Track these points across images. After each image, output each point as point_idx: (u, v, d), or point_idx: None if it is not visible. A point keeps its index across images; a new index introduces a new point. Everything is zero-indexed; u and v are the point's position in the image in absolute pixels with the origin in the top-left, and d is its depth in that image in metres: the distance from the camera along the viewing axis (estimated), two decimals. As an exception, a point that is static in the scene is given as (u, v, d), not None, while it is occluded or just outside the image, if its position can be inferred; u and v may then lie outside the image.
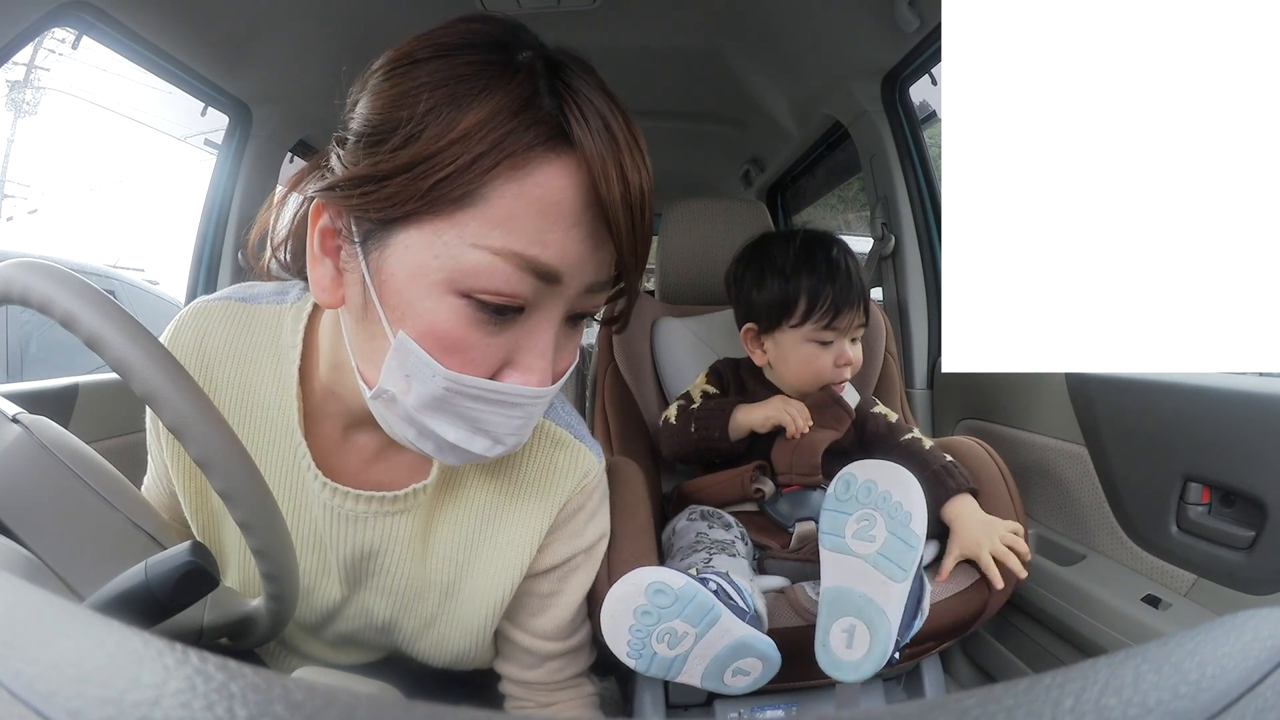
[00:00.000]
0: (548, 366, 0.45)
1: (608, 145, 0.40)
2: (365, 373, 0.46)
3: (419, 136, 0.39)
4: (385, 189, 0.40)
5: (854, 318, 0.92)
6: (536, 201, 0.40)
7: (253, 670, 0.14)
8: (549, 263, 0.41)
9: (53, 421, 0.47)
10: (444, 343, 0.42)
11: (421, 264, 0.41)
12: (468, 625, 0.60)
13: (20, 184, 9.49)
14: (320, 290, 0.46)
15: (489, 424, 0.45)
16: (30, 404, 0.47)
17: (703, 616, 0.62)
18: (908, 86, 1.39)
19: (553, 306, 0.44)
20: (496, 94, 0.39)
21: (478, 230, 0.40)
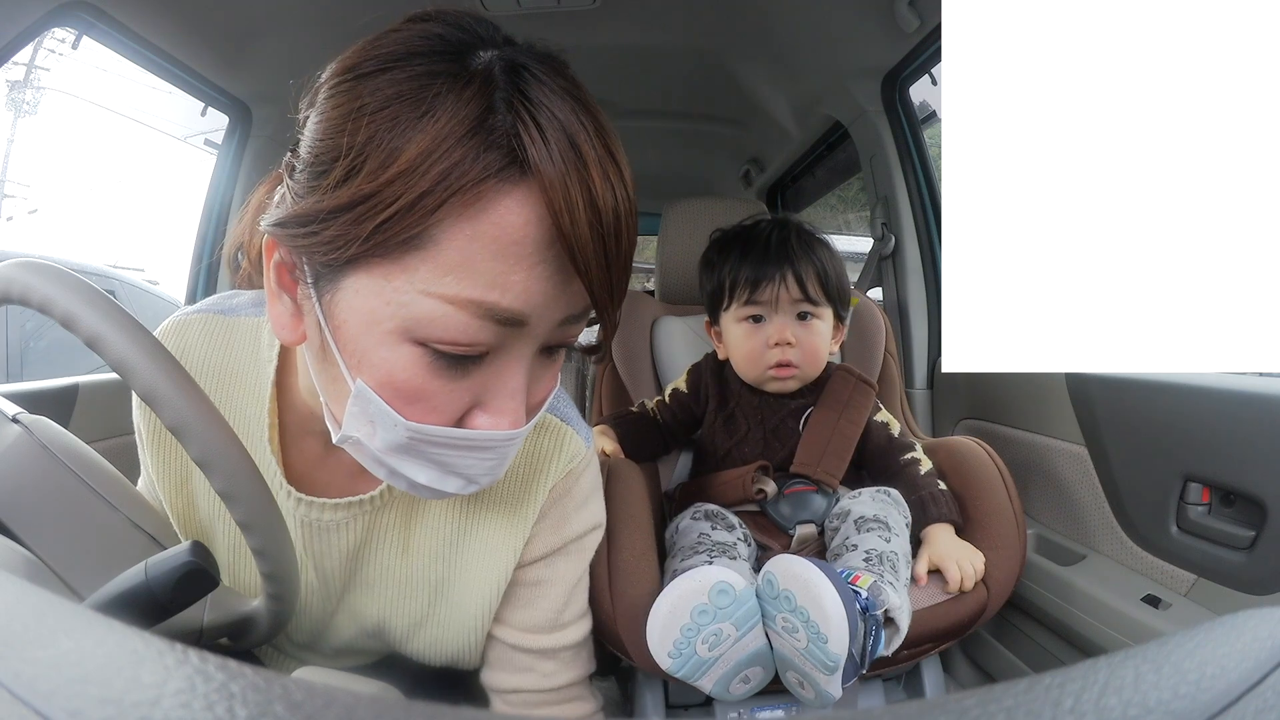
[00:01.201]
0: (520, 407, 0.41)
1: (572, 168, 0.35)
2: (333, 410, 0.43)
3: (359, 170, 0.35)
4: (328, 230, 0.36)
5: (780, 290, 0.86)
6: (493, 242, 0.35)
7: (253, 670, 0.14)
8: (511, 307, 0.37)
9: (53, 421, 0.47)
10: (403, 393, 0.38)
11: (373, 310, 0.37)
12: (460, 623, 0.58)
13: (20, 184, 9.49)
14: (280, 328, 0.43)
15: (460, 467, 0.42)
16: (30, 404, 0.47)
17: (747, 621, 0.64)
18: (908, 86, 1.39)
19: (521, 347, 0.40)
20: (443, 115, 0.34)
21: (429, 276, 0.36)
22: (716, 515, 0.84)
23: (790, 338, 0.87)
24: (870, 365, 1.18)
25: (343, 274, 0.38)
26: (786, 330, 0.87)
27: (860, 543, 0.74)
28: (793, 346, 0.88)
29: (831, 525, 0.81)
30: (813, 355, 0.89)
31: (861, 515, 0.78)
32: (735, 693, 0.67)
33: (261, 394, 0.51)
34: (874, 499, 0.82)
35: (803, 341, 0.88)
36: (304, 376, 0.49)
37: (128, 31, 1.13)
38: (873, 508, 0.79)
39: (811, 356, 0.89)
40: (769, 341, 0.88)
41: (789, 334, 0.87)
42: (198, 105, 1.41)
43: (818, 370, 0.92)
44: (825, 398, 0.92)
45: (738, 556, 0.77)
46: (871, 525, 0.77)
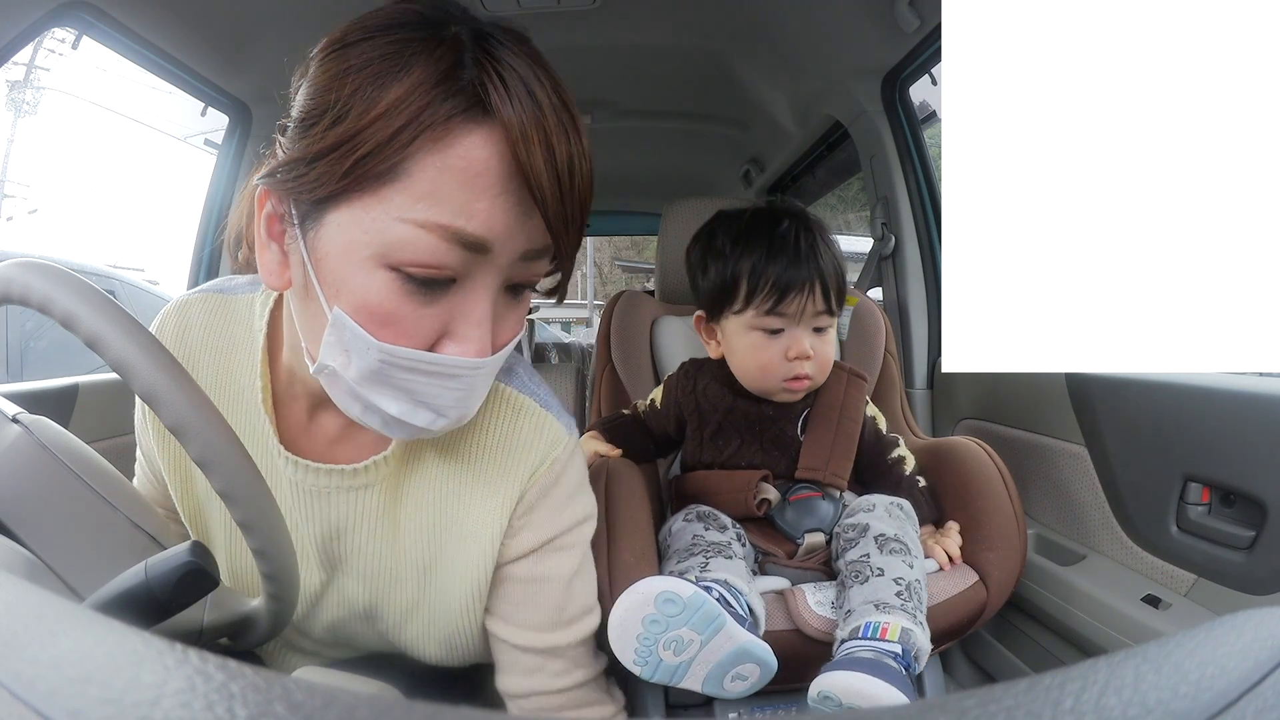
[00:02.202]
0: (485, 336, 0.44)
1: (530, 112, 0.40)
2: (311, 350, 0.46)
3: (345, 117, 0.40)
4: (314, 170, 0.41)
5: (807, 302, 0.80)
6: (460, 173, 0.40)
7: (253, 670, 0.14)
8: (475, 233, 0.41)
9: (53, 421, 0.47)
10: (376, 316, 0.42)
11: (352, 240, 0.41)
12: (450, 608, 0.58)
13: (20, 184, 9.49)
14: (268, 274, 0.47)
15: (428, 396, 0.45)
16: (30, 404, 0.47)
17: (708, 624, 0.63)
18: (908, 86, 1.39)
19: (486, 276, 0.44)
20: (417, 68, 0.39)
21: (403, 204, 0.40)
22: (709, 516, 0.84)
23: (810, 351, 0.83)
24: (870, 365, 1.18)
25: (326, 210, 0.42)
26: (806, 343, 0.82)
27: (886, 568, 0.72)
28: (811, 359, 0.83)
29: (846, 536, 0.78)
30: (826, 366, 0.86)
31: (882, 533, 0.76)
32: (732, 690, 0.67)
33: (254, 360, 0.55)
34: (890, 514, 0.80)
35: (819, 353, 0.84)
36: (290, 337, 0.52)
37: (128, 31, 1.13)
38: (891, 525, 0.78)
39: (825, 367, 0.86)
40: (788, 354, 0.83)
41: (808, 347, 0.82)
42: (198, 105, 1.41)
43: (825, 377, 0.88)
44: (822, 397, 0.90)
45: (733, 556, 0.77)
46: (894, 547, 0.75)
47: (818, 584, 0.80)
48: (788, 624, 0.77)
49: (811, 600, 0.77)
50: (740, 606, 0.69)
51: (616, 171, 2.54)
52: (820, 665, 0.77)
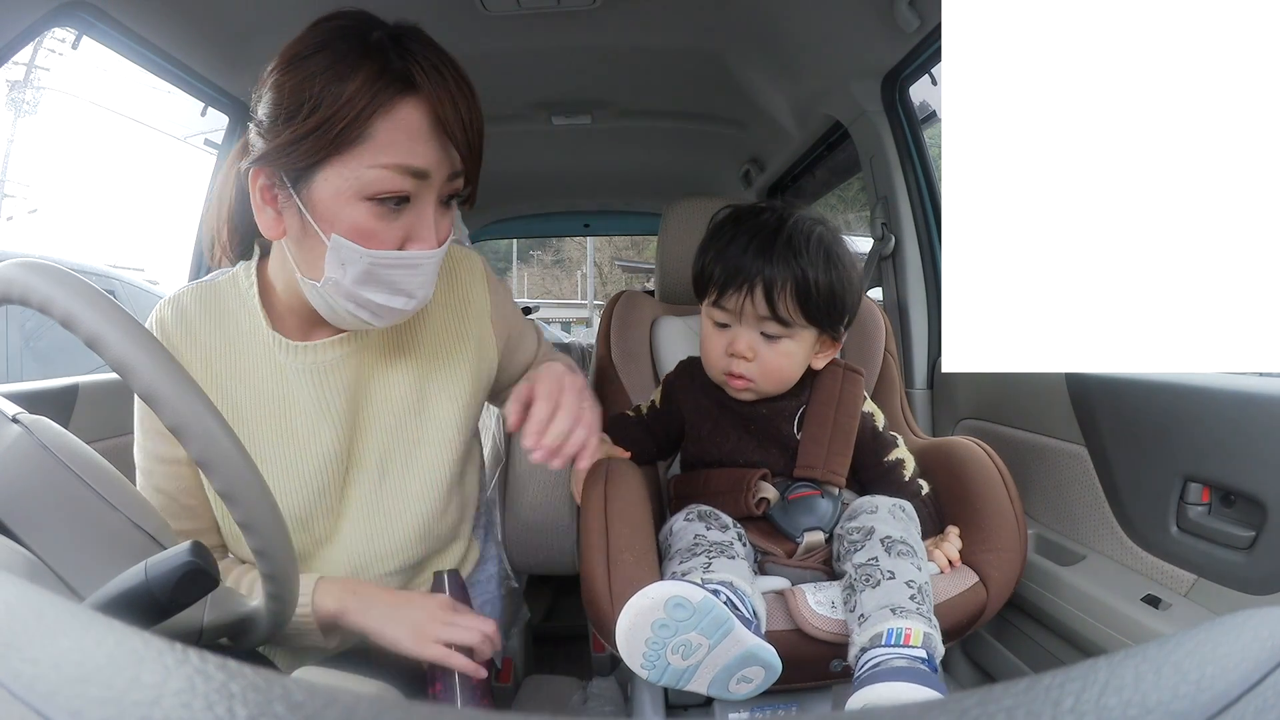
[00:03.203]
0: (434, 236, 0.64)
1: (440, 84, 0.60)
2: (311, 275, 0.64)
3: (319, 107, 0.58)
4: (304, 145, 0.58)
5: (745, 301, 0.78)
6: (404, 129, 0.59)
7: (253, 670, 0.14)
8: (419, 165, 0.60)
9: (53, 421, 0.47)
10: (362, 233, 0.61)
11: (337, 188, 0.60)
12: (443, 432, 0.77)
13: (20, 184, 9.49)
14: (266, 229, 0.65)
15: (403, 284, 0.64)
16: (30, 404, 0.47)
17: (717, 628, 0.63)
18: (908, 86, 1.39)
19: (428, 194, 0.63)
20: (363, 68, 0.58)
21: (371, 156, 0.59)
22: (710, 515, 0.83)
23: (747, 351, 0.81)
24: (870, 365, 1.17)
25: (314, 173, 0.60)
26: (743, 343, 0.81)
27: (897, 571, 0.72)
28: (749, 361, 0.81)
29: (851, 539, 0.78)
30: (773, 375, 0.83)
31: (889, 536, 0.75)
32: (736, 692, 0.67)
33: (250, 307, 0.71)
34: (894, 515, 0.80)
35: (763, 359, 0.81)
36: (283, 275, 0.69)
37: (128, 31, 1.13)
38: (896, 527, 0.78)
39: (771, 376, 0.83)
40: (726, 349, 0.83)
41: (745, 347, 0.81)
42: (198, 105, 1.41)
43: (781, 388, 0.87)
44: (817, 394, 0.89)
45: (735, 556, 0.77)
46: (902, 549, 0.74)
47: (817, 584, 0.80)
48: (788, 624, 0.77)
49: (812, 600, 0.77)
50: (746, 609, 0.69)
51: (616, 171, 2.54)
52: (820, 665, 0.77)
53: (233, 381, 0.70)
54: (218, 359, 0.70)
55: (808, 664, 0.77)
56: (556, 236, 11.70)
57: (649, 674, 0.64)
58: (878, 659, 0.66)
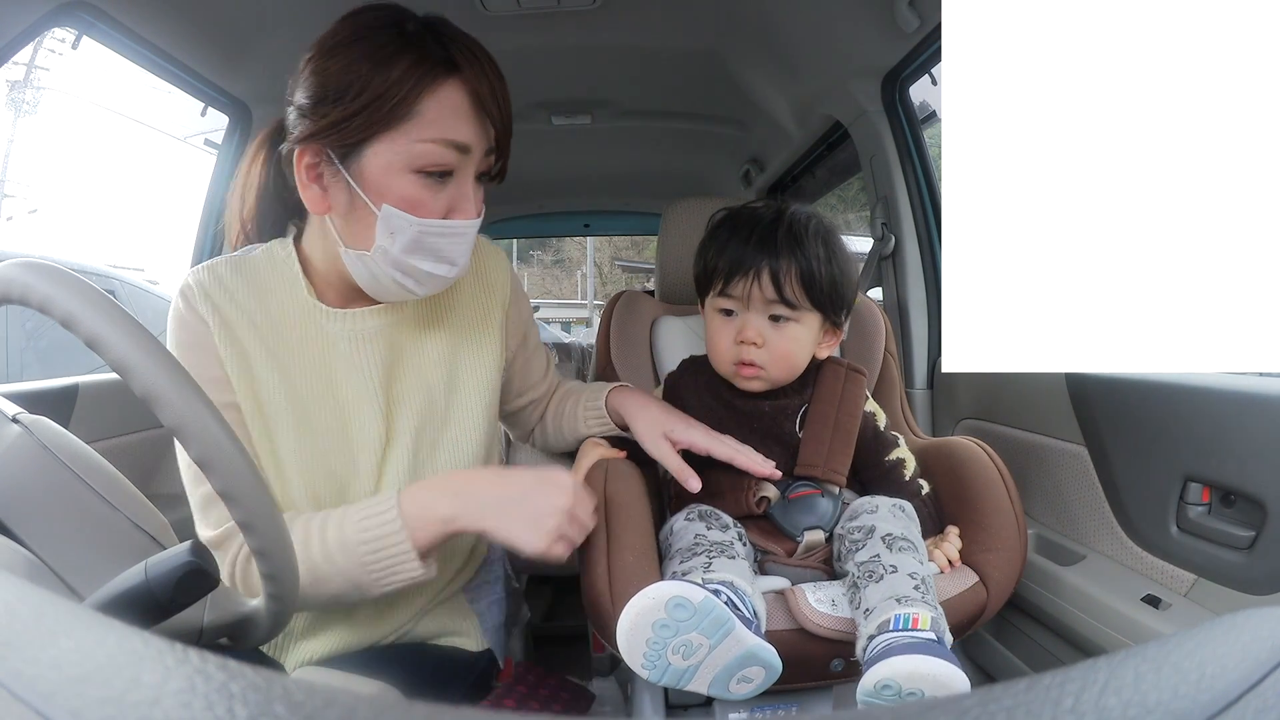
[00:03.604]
0: (472, 207, 0.69)
1: (477, 66, 0.66)
2: (357, 245, 0.68)
3: (368, 87, 0.62)
4: (356, 122, 0.63)
5: (753, 286, 0.81)
6: (448, 106, 0.65)
7: (253, 670, 0.14)
8: (462, 140, 0.66)
9: (53, 421, 0.47)
10: (411, 203, 0.65)
11: (388, 161, 0.64)
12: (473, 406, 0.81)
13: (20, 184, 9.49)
14: (313, 205, 0.68)
15: (446, 251, 0.69)
16: (30, 404, 0.47)
17: (718, 628, 0.63)
18: (908, 86, 1.39)
19: (468, 167, 0.68)
20: (409, 53, 0.63)
21: (419, 131, 0.64)
22: (710, 515, 0.83)
23: (756, 337, 0.83)
24: (870, 365, 1.17)
25: (362, 149, 0.65)
26: (752, 329, 0.83)
27: (899, 565, 0.72)
28: (759, 347, 0.83)
29: (852, 538, 0.78)
30: (783, 360, 0.85)
31: (890, 533, 0.76)
32: (736, 692, 0.67)
33: (292, 279, 0.74)
34: (894, 515, 0.80)
35: (772, 344, 0.84)
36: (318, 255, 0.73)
37: (128, 31, 1.13)
38: (897, 525, 0.78)
39: (781, 361, 0.85)
40: (735, 337, 0.84)
41: (755, 333, 0.83)
42: (198, 105, 1.41)
43: (790, 375, 0.88)
44: (819, 393, 0.89)
45: (736, 555, 0.77)
46: (903, 545, 0.75)
47: (817, 583, 0.80)
48: (789, 623, 0.77)
49: (812, 598, 0.77)
50: (746, 609, 0.69)
51: (616, 171, 2.53)
52: (821, 664, 0.77)
53: (280, 348, 0.72)
54: (263, 325, 0.71)
55: (808, 663, 0.77)
56: (556, 236, 11.70)
57: (650, 674, 0.64)
58: (888, 641, 0.65)
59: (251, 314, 0.71)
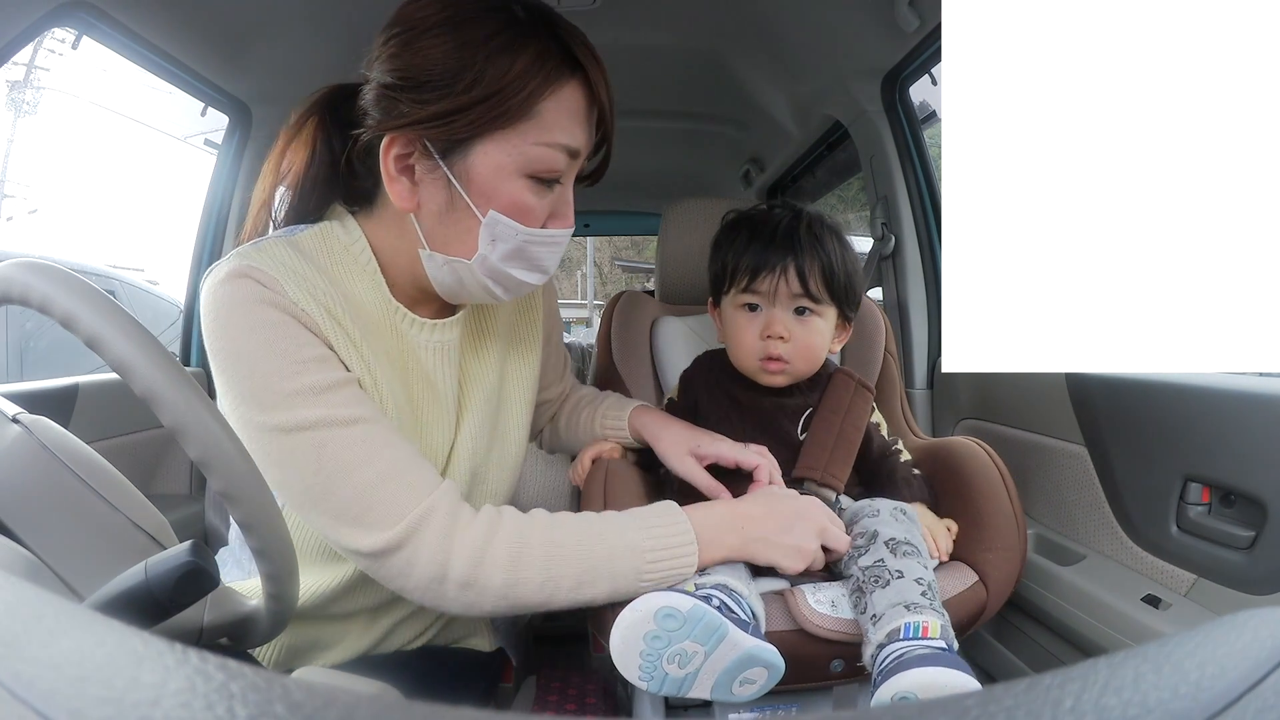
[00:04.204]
0: (572, 213, 0.66)
1: (597, 67, 0.61)
2: (449, 250, 0.63)
3: (483, 79, 0.56)
4: (468, 116, 0.57)
5: (779, 282, 0.85)
6: (568, 109, 0.60)
7: (253, 670, 0.14)
8: (577, 146, 0.62)
9: (53, 421, 0.47)
10: (520, 210, 0.61)
11: (499, 163, 0.59)
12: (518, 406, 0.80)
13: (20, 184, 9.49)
14: (400, 200, 0.61)
15: (541, 259, 0.66)
16: (30, 404, 0.47)
17: (711, 634, 0.63)
18: (908, 86, 1.39)
19: (572, 172, 0.65)
20: (530, 44, 0.57)
21: (536, 134, 0.59)
22: None
23: (783, 331, 0.85)
24: (870, 365, 1.17)
25: (471, 145, 0.59)
26: (779, 323, 0.85)
27: (905, 570, 0.72)
28: (785, 341, 0.86)
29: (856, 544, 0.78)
30: (807, 353, 0.87)
31: (893, 538, 0.76)
32: (740, 695, 0.66)
33: (368, 272, 0.67)
34: (896, 519, 0.81)
35: (797, 337, 0.86)
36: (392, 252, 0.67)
37: (128, 31, 1.13)
38: (899, 529, 0.78)
39: (805, 354, 0.87)
40: (762, 332, 0.86)
41: (782, 327, 0.85)
42: (198, 105, 1.41)
43: (811, 369, 0.90)
44: (827, 400, 0.91)
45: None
46: (907, 549, 0.75)
47: (817, 584, 0.80)
48: (789, 624, 0.76)
49: (811, 599, 0.77)
50: (743, 611, 0.68)
51: (616, 171, 2.52)
52: (821, 665, 0.77)
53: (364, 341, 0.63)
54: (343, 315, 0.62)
55: (808, 664, 0.77)
56: (556, 236, 11.65)
57: (648, 685, 0.64)
58: (900, 651, 0.65)
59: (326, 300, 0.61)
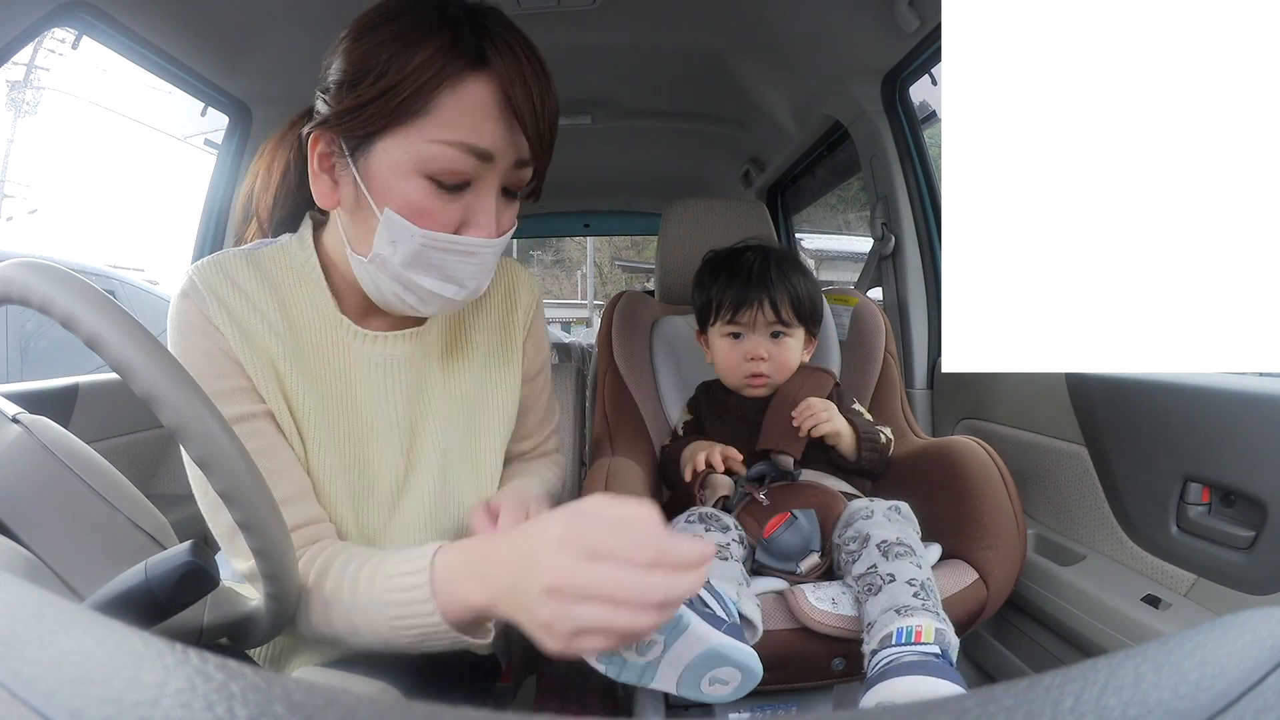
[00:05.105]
0: (493, 224, 0.60)
1: (512, 63, 0.56)
2: (359, 250, 0.61)
3: (385, 74, 0.55)
4: (366, 112, 0.56)
5: (758, 314, 1.00)
6: (470, 106, 0.56)
7: (253, 670, 0.14)
8: (484, 146, 0.57)
9: (53, 421, 0.47)
10: (416, 210, 0.57)
11: (396, 160, 0.57)
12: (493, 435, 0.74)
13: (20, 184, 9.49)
14: (321, 197, 0.61)
15: (455, 271, 0.60)
16: (30, 404, 0.47)
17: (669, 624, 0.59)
18: (908, 86, 1.39)
19: (490, 179, 0.59)
20: (435, 38, 0.55)
21: (433, 130, 0.56)
22: (711, 518, 0.84)
23: (764, 353, 1.01)
24: (870, 365, 1.18)
25: (373, 142, 0.57)
26: (760, 347, 1.01)
27: (896, 572, 0.72)
28: (765, 360, 1.01)
29: (849, 549, 0.79)
30: (783, 367, 1.02)
31: (884, 539, 0.76)
32: (711, 695, 0.63)
33: (314, 283, 0.66)
34: (889, 519, 0.81)
35: (775, 356, 1.02)
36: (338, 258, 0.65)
37: (128, 31, 1.13)
38: (891, 530, 0.78)
39: (782, 368, 1.02)
40: (745, 356, 1.02)
41: (762, 350, 1.01)
42: (198, 105, 1.41)
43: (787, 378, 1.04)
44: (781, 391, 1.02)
45: (729, 557, 0.77)
46: (899, 550, 0.75)
47: (817, 583, 0.80)
48: (791, 623, 0.77)
49: (812, 597, 0.77)
50: (723, 608, 0.68)
51: (616, 171, 2.54)
52: (823, 664, 0.77)
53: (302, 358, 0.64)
54: (283, 331, 0.63)
55: (810, 663, 0.77)
56: (556, 236, 11.70)
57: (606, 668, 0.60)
58: (889, 658, 0.65)
59: (269, 317, 0.63)
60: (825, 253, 7.76)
